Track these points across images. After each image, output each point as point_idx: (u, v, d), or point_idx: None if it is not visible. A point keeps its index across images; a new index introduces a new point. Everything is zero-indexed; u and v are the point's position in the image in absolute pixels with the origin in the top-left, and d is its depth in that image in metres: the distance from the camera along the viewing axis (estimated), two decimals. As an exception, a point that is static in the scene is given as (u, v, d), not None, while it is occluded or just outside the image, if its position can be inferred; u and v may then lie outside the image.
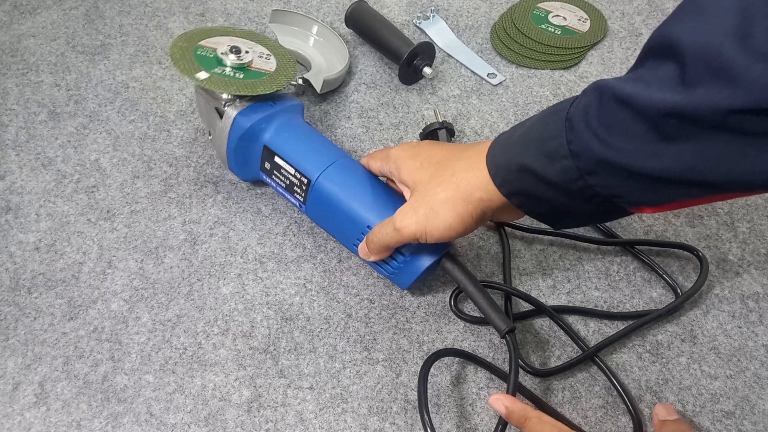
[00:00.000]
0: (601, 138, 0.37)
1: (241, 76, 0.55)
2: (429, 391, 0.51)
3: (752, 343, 0.54)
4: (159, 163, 0.65)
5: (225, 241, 0.59)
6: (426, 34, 0.78)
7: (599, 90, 0.38)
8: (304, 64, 0.73)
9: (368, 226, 0.51)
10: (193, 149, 0.66)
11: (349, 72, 0.73)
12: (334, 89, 0.71)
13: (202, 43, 0.57)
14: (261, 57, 0.58)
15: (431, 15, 0.78)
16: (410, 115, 0.70)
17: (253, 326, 0.54)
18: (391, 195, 0.53)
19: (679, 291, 0.55)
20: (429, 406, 0.48)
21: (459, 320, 0.55)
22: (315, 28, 0.75)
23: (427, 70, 0.70)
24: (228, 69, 0.55)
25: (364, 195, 0.52)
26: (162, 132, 0.67)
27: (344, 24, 0.76)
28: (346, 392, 0.51)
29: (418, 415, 0.47)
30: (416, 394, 0.50)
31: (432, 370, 0.51)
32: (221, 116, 0.55)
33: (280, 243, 0.59)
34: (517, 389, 0.45)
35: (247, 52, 0.57)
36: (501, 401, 0.43)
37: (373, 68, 0.74)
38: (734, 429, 0.49)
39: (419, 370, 0.50)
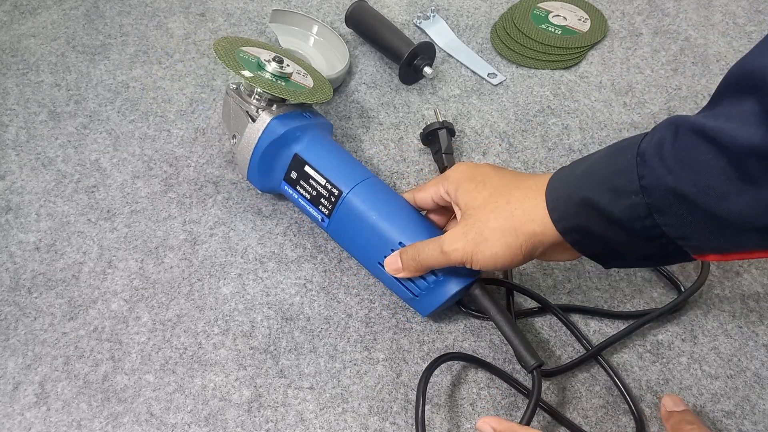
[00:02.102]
0: (675, 173, 0.35)
1: (282, 84, 0.56)
2: (429, 390, 0.51)
3: (752, 343, 0.54)
4: (159, 163, 0.65)
5: (225, 241, 0.59)
6: (426, 34, 0.78)
7: (675, 124, 0.36)
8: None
9: (400, 243, 0.50)
10: (193, 149, 0.66)
11: (349, 72, 0.73)
12: (334, 89, 0.71)
13: (244, 49, 0.58)
14: (299, 74, 0.59)
15: (431, 15, 0.78)
16: (410, 115, 0.70)
17: (253, 326, 0.54)
18: (423, 218, 0.53)
19: (681, 288, 0.55)
20: (426, 412, 0.48)
21: (459, 320, 0.55)
22: (315, 28, 0.75)
23: (427, 70, 0.70)
24: (269, 75, 0.56)
25: (396, 213, 0.51)
26: (162, 132, 0.67)
27: (344, 24, 0.76)
28: (346, 392, 0.51)
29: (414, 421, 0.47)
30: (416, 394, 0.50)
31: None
32: (253, 120, 0.54)
33: (281, 243, 0.59)
34: (531, 420, 0.45)
35: (288, 65, 0.57)
36: (488, 423, 0.43)
37: (373, 68, 0.74)
38: (734, 429, 0.49)
39: (420, 374, 0.50)
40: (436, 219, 0.54)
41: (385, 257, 0.50)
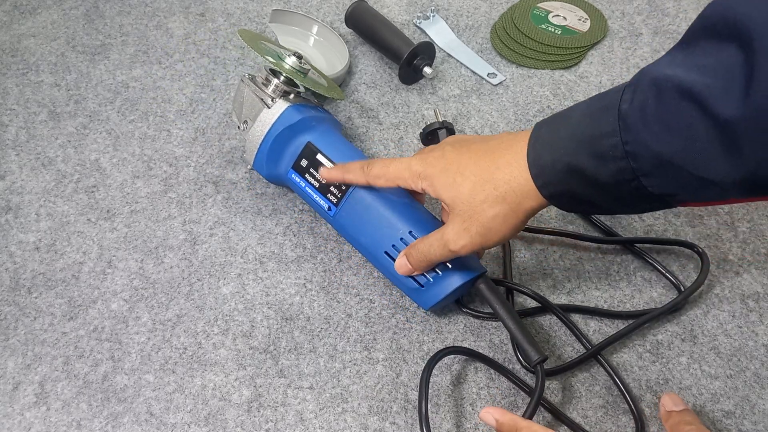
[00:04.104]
0: (660, 137, 0.35)
1: (302, 76, 0.58)
2: (429, 390, 0.51)
3: (752, 342, 0.54)
4: (159, 163, 0.65)
5: (225, 241, 0.59)
6: (426, 34, 0.78)
7: (657, 84, 0.35)
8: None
9: (410, 232, 0.50)
10: (193, 149, 0.66)
11: (349, 72, 0.73)
12: (334, 89, 0.71)
13: (264, 42, 0.60)
14: (314, 74, 0.62)
15: (431, 15, 0.78)
16: (410, 114, 0.70)
17: (253, 326, 0.54)
18: (427, 210, 0.54)
19: (681, 287, 0.55)
20: (429, 409, 0.48)
21: (459, 320, 0.55)
22: (315, 28, 0.75)
23: (427, 69, 0.70)
24: (288, 67, 0.57)
25: (404, 204, 0.52)
26: (162, 132, 0.67)
27: (344, 24, 0.76)
28: (346, 392, 0.51)
29: (418, 414, 0.47)
30: (416, 393, 0.50)
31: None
32: (269, 107, 0.56)
33: (281, 243, 0.59)
34: (533, 414, 0.45)
35: (305, 63, 0.59)
36: (491, 414, 0.43)
37: (373, 68, 0.74)
38: (734, 429, 0.49)
39: (423, 368, 0.50)
40: None
41: (393, 246, 0.51)
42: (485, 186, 0.44)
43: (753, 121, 0.30)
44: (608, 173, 0.38)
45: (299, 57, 0.58)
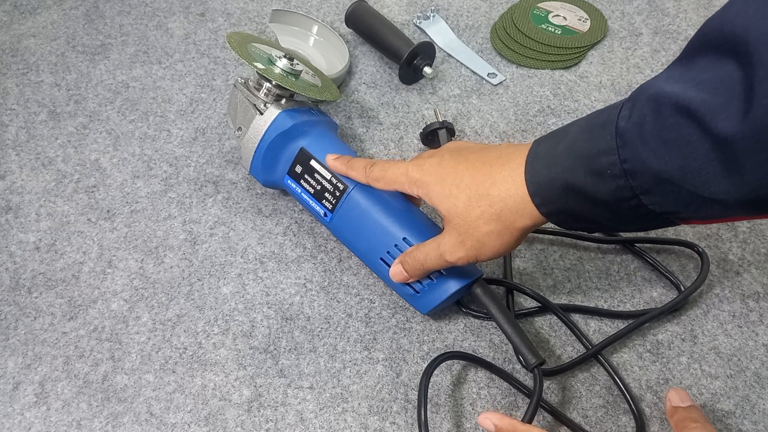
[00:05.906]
0: (659, 155, 0.34)
1: (293, 79, 0.57)
2: (429, 390, 0.51)
3: (752, 342, 0.54)
4: (159, 163, 0.65)
5: (225, 241, 0.59)
6: (426, 34, 0.78)
7: (655, 100, 0.34)
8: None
9: (404, 239, 0.50)
10: (193, 149, 0.66)
11: (349, 72, 0.73)
12: (334, 89, 0.71)
13: (255, 44, 0.59)
14: (307, 73, 0.60)
15: (431, 15, 0.78)
16: (410, 114, 0.70)
17: (253, 326, 0.54)
18: (423, 214, 0.54)
19: (681, 287, 0.55)
20: (429, 411, 0.48)
21: (459, 320, 0.55)
22: (315, 28, 0.75)
23: (427, 69, 0.70)
24: (279, 70, 0.57)
25: (399, 209, 0.52)
26: (162, 132, 0.67)
27: (344, 24, 0.76)
28: (346, 392, 0.51)
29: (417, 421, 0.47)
30: (417, 393, 0.50)
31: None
32: (261, 113, 0.55)
33: (281, 243, 0.59)
34: (533, 418, 0.45)
35: (297, 63, 0.58)
36: (489, 419, 0.43)
37: (373, 68, 0.74)
38: (734, 428, 0.49)
39: (421, 374, 0.50)
40: None
41: (389, 252, 0.51)
42: (480, 201, 0.43)
43: (753, 138, 0.30)
44: (607, 191, 0.37)
45: (290, 59, 0.57)
